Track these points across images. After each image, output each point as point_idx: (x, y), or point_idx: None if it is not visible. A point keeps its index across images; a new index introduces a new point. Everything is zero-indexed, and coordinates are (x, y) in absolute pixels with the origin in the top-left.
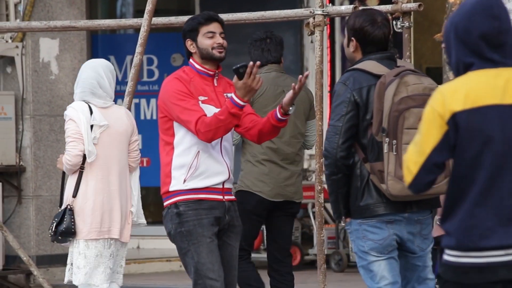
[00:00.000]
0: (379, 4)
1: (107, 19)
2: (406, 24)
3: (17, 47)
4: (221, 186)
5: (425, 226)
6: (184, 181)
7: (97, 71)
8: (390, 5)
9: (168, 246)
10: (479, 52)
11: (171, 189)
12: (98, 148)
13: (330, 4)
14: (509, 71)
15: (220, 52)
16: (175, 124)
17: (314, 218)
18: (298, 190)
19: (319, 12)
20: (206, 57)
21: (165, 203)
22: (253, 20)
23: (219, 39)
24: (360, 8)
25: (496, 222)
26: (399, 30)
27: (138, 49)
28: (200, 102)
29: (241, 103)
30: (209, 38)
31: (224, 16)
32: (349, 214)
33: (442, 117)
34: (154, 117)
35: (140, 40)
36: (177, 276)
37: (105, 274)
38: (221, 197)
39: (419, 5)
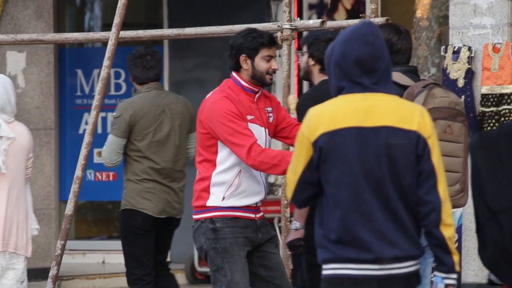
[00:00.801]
0: (347, 18)
1: (74, 32)
2: None
3: None
4: (255, 205)
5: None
6: (223, 198)
7: (6, 88)
8: (358, 19)
9: None
10: (352, 76)
11: (208, 204)
12: (6, 160)
13: (298, 19)
14: (375, 96)
15: (270, 79)
16: (220, 143)
17: (280, 232)
18: (181, 206)
19: (287, 26)
20: (258, 79)
21: (198, 217)
22: (221, 34)
23: (274, 65)
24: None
25: (371, 237)
26: None
27: (106, 62)
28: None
29: None
30: (266, 62)
31: (192, 30)
32: None
33: (309, 140)
34: None
35: (107, 54)
36: None
37: (4, 286)
38: (253, 215)
39: (386, 19)
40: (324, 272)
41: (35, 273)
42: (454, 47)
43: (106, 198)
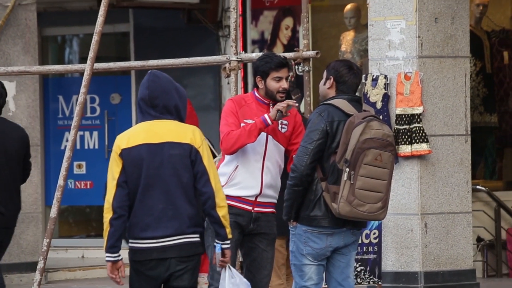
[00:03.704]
0: (284, 51)
1: (56, 64)
2: (306, 68)
3: None
4: (253, 199)
5: (359, 237)
6: (222, 186)
7: None
8: (293, 53)
9: None
10: (143, 109)
11: None
12: None
13: (243, 52)
14: (161, 122)
15: (281, 97)
16: None
17: None
18: None
19: (234, 59)
20: (270, 96)
21: None
22: (179, 65)
23: (284, 84)
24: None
25: (150, 221)
26: (301, 74)
27: (82, 89)
28: (244, 124)
29: (269, 121)
30: (276, 82)
31: (155, 62)
32: (296, 219)
33: (117, 153)
34: (96, 147)
35: (84, 82)
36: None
37: None
38: (250, 208)
39: (317, 53)
40: (129, 244)
41: (25, 267)
42: (373, 76)
43: (84, 203)
